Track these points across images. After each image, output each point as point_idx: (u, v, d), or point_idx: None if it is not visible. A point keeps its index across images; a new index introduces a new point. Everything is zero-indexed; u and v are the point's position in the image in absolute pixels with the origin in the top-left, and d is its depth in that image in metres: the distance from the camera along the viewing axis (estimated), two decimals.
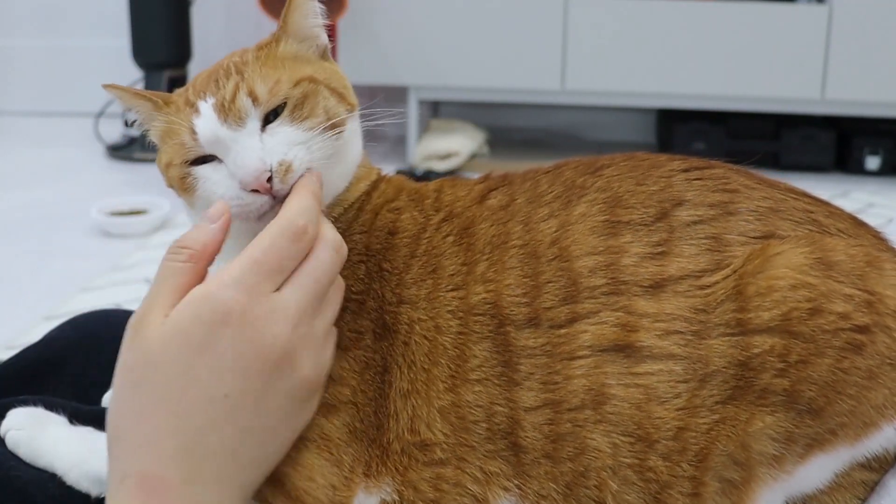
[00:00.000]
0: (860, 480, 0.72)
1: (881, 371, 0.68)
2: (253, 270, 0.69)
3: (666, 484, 0.70)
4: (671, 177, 0.75)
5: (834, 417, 0.69)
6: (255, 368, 0.68)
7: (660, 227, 0.73)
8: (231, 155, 0.75)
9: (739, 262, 0.71)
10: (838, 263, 0.70)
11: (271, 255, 0.69)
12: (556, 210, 0.76)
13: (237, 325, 0.67)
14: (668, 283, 0.71)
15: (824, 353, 0.68)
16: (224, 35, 3.96)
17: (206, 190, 0.76)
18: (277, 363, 0.69)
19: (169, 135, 0.79)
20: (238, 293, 0.68)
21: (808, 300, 0.69)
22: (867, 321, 0.68)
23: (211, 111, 0.76)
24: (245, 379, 0.68)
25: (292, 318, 0.69)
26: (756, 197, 0.74)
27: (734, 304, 0.70)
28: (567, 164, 0.80)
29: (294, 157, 0.75)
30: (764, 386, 0.69)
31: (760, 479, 0.70)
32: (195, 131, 0.75)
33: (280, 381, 0.69)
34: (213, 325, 0.67)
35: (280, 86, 0.77)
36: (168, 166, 0.79)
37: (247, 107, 0.75)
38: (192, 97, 0.78)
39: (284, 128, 0.76)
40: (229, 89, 0.76)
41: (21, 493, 0.73)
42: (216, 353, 0.67)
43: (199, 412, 0.67)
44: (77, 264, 2.47)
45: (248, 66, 0.78)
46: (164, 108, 0.80)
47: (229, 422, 0.67)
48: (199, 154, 0.76)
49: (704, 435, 0.69)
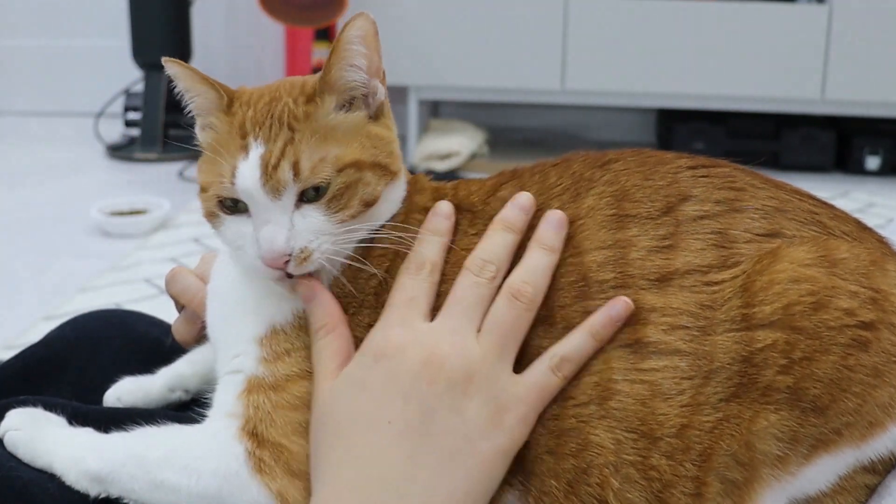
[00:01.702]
0: (863, 484, 0.72)
1: (887, 369, 0.68)
2: (391, 310, 0.74)
3: (668, 483, 0.70)
4: (678, 173, 0.76)
5: (839, 416, 0.68)
6: (414, 390, 0.70)
7: (666, 221, 0.73)
8: (259, 222, 0.74)
9: (750, 263, 0.71)
10: (843, 261, 0.70)
11: (399, 292, 0.75)
12: (566, 202, 0.76)
13: (391, 356, 0.71)
14: (674, 276, 0.71)
15: (829, 349, 0.68)
16: (224, 35, 3.96)
17: (229, 238, 0.76)
18: (435, 381, 0.70)
19: (216, 152, 0.76)
20: (387, 331, 0.73)
21: (811, 293, 0.69)
22: (873, 318, 0.68)
23: (257, 163, 0.74)
24: (405, 403, 0.70)
25: (445, 339, 0.72)
26: (762, 196, 0.74)
27: (740, 301, 0.70)
28: (575, 158, 0.80)
29: (317, 247, 0.74)
30: (768, 383, 0.68)
31: (763, 480, 0.69)
32: (235, 175, 0.74)
33: (445, 398, 0.70)
34: (371, 363, 0.72)
35: (324, 166, 0.74)
36: (202, 188, 0.78)
37: (287, 180, 0.73)
38: (249, 126, 0.76)
39: (317, 214, 0.75)
40: (277, 149, 0.74)
41: (21, 493, 0.73)
42: (376, 386, 0.71)
43: (365, 442, 0.70)
44: (77, 264, 2.47)
45: (299, 125, 0.75)
46: (224, 114, 0.78)
47: (396, 447, 0.69)
48: (231, 196, 0.75)
49: (708, 434, 0.69)
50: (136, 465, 0.73)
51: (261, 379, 0.75)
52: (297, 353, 0.76)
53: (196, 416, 0.79)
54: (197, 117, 0.80)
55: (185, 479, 0.72)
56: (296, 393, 0.74)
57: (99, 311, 1.03)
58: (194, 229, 2.73)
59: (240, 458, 0.72)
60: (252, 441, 0.73)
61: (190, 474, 0.72)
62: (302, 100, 0.76)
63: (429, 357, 0.71)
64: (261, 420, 0.74)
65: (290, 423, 0.73)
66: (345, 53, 0.76)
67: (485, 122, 3.65)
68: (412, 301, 0.74)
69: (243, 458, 0.72)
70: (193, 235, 2.68)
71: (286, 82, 0.79)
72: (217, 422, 0.76)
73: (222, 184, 0.74)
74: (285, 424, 0.73)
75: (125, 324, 1.00)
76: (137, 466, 0.73)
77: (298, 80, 0.79)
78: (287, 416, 0.74)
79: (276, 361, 0.75)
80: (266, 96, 0.77)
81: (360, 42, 0.76)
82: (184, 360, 0.91)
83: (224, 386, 0.77)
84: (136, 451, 0.74)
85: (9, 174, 3.35)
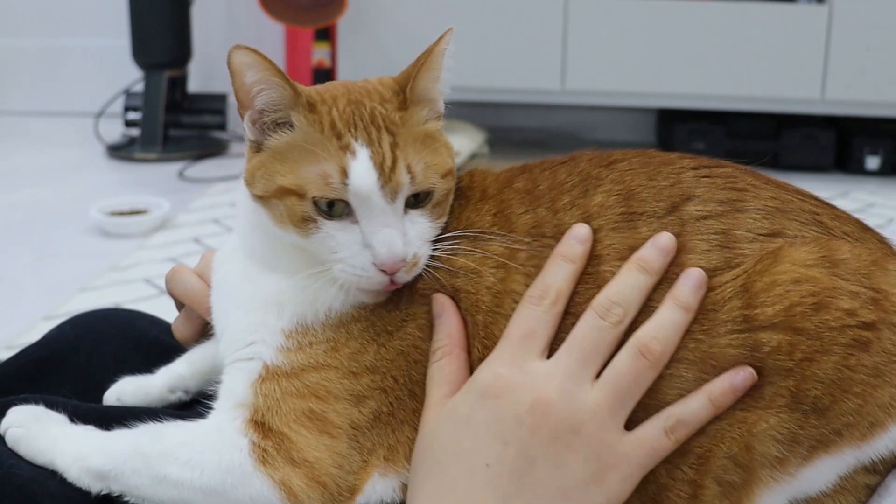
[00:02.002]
0: (864, 484, 0.72)
1: (888, 369, 0.68)
2: (506, 344, 0.72)
3: (664, 486, 0.70)
4: (681, 173, 0.76)
5: (840, 417, 0.68)
6: (516, 436, 0.68)
7: (672, 221, 0.73)
8: (375, 226, 0.72)
9: (751, 262, 0.71)
10: (844, 262, 0.70)
11: (515, 326, 0.72)
12: (577, 197, 0.76)
13: (500, 395, 0.70)
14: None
15: (830, 350, 0.68)
16: (224, 35, 3.96)
17: (326, 246, 0.74)
18: (539, 429, 0.68)
19: (306, 154, 0.74)
20: (499, 367, 0.71)
21: (812, 294, 0.69)
22: (873, 318, 0.68)
23: (369, 164, 0.72)
24: (505, 447, 0.68)
25: (557, 385, 0.69)
26: (764, 196, 0.74)
27: (740, 301, 0.70)
28: (581, 156, 0.80)
29: (423, 254, 0.74)
30: (770, 386, 0.68)
31: (761, 482, 0.69)
32: (347, 174, 0.72)
33: (548, 449, 0.68)
34: (477, 399, 0.70)
35: (432, 172, 0.75)
36: (286, 191, 0.74)
37: (405, 182, 0.73)
38: (342, 127, 0.74)
39: (424, 220, 0.75)
40: (386, 150, 0.73)
41: (22, 491, 0.73)
42: (479, 425, 0.70)
43: (462, 482, 0.68)
44: (77, 264, 2.47)
45: (398, 130, 0.75)
46: (307, 112, 0.75)
47: (490, 491, 0.68)
48: (339, 198, 0.72)
49: (709, 438, 0.69)
50: (138, 461, 0.73)
51: (278, 367, 0.75)
52: (318, 346, 0.75)
53: (199, 413, 0.79)
54: (270, 114, 0.76)
55: (189, 474, 0.72)
56: (307, 382, 0.74)
57: (99, 310, 1.03)
58: (194, 229, 2.73)
59: (244, 451, 0.72)
60: (257, 432, 0.73)
61: (193, 468, 0.72)
62: (392, 106, 0.76)
63: (536, 403, 0.69)
64: (268, 409, 0.73)
65: (293, 410, 0.73)
66: (434, 65, 0.78)
67: (485, 122, 3.65)
68: (529, 336, 0.71)
69: (247, 450, 0.72)
70: (193, 235, 2.68)
71: (353, 86, 0.78)
72: (223, 413, 0.76)
73: (329, 184, 0.72)
74: (289, 412, 0.73)
75: (125, 323, 1.00)
76: (140, 462, 0.73)
77: (371, 86, 0.78)
78: (292, 404, 0.73)
79: (297, 351, 0.75)
80: (341, 98, 0.76)
81: (446, 55, 0.78)
82: (183, 360, 0.91)
83: (235, 373, 0.77)
84: (138, 447, 0.74)
85: (9, 174, 3.34)
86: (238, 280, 0.81)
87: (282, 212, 0.75)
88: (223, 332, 0.81)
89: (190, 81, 3.68)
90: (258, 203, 0.77)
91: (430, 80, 0.78)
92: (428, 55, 0.78)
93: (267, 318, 0.77)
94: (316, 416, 0.73)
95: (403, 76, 0.79)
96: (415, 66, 0.78)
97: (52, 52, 4.10)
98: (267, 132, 0.76)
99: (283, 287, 0.77)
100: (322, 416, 0.73)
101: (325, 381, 0.74)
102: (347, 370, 0.74)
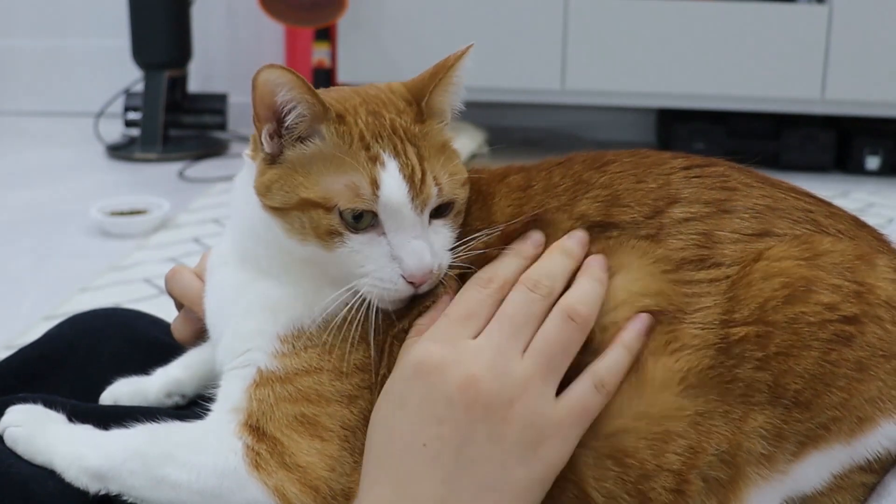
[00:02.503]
0: (860, 482, 0.71)
1: (872, 363, 0.68)
2: (443, 322, 0.72)
3: (647, 474, 0.70)
4: (671, 174, 0.76)
5: (825, 411, 0.68)
6: (450, 414, 0.68)
7: (650, 224, 0.74)
8: (404, 238, 0.72)
9: (735, 268, 0.71)
10: (824, 254, 0.70)
11: (458, 305, 0.72)
12: (564, 203, 0.77)
13: (430, 373, 0.69)
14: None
15: (810, 345, 0.67)
16: (224, 35, 3.96)
17: (350, 260, 0.73)
18: (467, 405, 0.68)
19: (332, 166, 0.73)
20: (429, 344, 0.71)
21: (784, 286, 0.69)
22: (856, 311, 0.68)
23: (400, 176, 0.72)
24: (440, 425, 0.68)
25: (487, 360, 0.70)
26: (754, 195, 0.74)
27: (720, 309, 0.70)
28: (577, 158, 0.80)
29: (446, 263, 0.75)
30: (746, 379, 0.68)
31: (749, 479, 0.69)
32: (378, 185, 0.71)
33: (482, 425, 0.68)
34: (409, 378, 0.70)
35: (454, 182, 0.75)
36: (310, 204, 0.73)
37: (433, 194, 0.73)
38: (370, 138, 0.73)
39: (446, 230, 0.76)
40: (414, 162, 0.73)
41: (21, 490, 0.73)
42: (412, 405, 0.69)
43: (401, 463, 0.69)
44: (77, 264, 2.47)
45: (419, 142, 0.75)
46: (336, 124, 0.74)
47: (431, 471, 0.68)
48: (368, 210, 0.72)
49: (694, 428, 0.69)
50: (136, 462, 0.73)
51: (272, 372, 0.75)
52: (313, 350, 0.75)
53: (196, 414, 0.79)
54: (282, 128, 0.75)
55: (186, 476, 0.72)
56: (299, 386, 0.74)
57: (98, 310, 1.03)
58: (194, 229, 2.73)
59: (238, 454, 0.73)
60: (251, 435, 0.73)
61: (190, 471, 0.72)
62: (409, 117, 0.76)
63: (467, 380, 0.69)
64: (263, 413, 0.74)
65: (286, 415, 0.73)
66: (451, 82, 0.78)
67: (485, 122, 3.65)
68: (469, 317, 0.72)
69: (241, 454, 0.73)
70: (193, 235, 2.68)
71: (367, 94, 0.78)
72: (220, 416, 0.76)
73: (360, 196, 0.71)
74: (282, 417, 0.73)
75: (125, 322, 1.00)
76: (138, 463, 0.73)
77: (384, 95, 0.78)
78: (285, 409, 0.74)
79: (291, 356, 0.75)
80: (360, 108, 0.76)
81: (464, 70, 0.78)
82: (180, 364, 0.91)
83: (231, 379, 0.77)
84: (136, 448, 0.74)
85: (9, 174, 3.35)
86: (233, 286, 0.81)
87: (303, 224, 0.74)
88: (220, 338, 0.81)
89: (190, 81, 3.69)
90: (271, 214, 0.76)
91: (445, 94, 0.79)
92: (446, 71, 0.78)
93: (263, 324, 0.77)
94: (308, 421, 0.73)
95: (417, 87, 0.79)
96: (431, 79, 0.78)
97: (52, 52, 4.10)
98: (287, 145, 0.75)
99: (280, 293, 0.78)
100: (314, 419, 0.73)
101: (316, 385, 0.74)
102: (338, 371, 0.75)
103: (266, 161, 0.76)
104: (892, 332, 0.68)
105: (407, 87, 0.80)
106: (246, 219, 0.80)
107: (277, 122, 0.75)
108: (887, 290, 0.69)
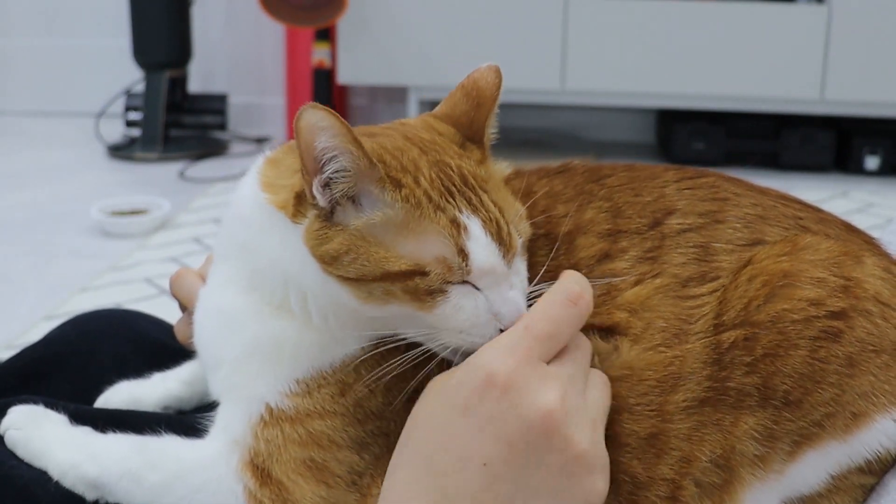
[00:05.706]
0: (859, 484, 0.71)
1: (863, 358, 0.67)
2: (524, 336, 0.66)
3: (640, 485, 0.70)
4: (664, 187, 0.76)
5: (817, 408, 0.67)
6: (520, 437, 0.64)
7: (653, 235, 0.74)
8: (501, 293, 0.68)
9: (728, 278, 0.71)
10: (806, 249, 0.70)
11: (544, 322, 0.67)
12: (571, 210, 0.76)
13: (502, 388, 0.64)
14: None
15: (797, 344, 0.67)
16: (224, 35, 3.96)
17: (453, 318, 0.68)
18: (545, 434, 0.64)
19: (410, 235, 0.67)
20: (505, 356, 0.65)
21: (764, 284, 0.69)
22: (843, 306, 0.68)
23: (485, 237, 0.68)
24: (508, 447, 0.64)
25: (562, 387, 0.65)
26: (745, 204, 0.75)
27: (713, 314, 0.70)
28: (575, 168, 0.80)
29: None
30: (737, 387, 0.68)
31: (744, 480, 0.69)
32: (468, 255, 0.67)
33: (549, 454, 0.64)
34: (476, 387, 0.64)
35: (522, 220, 0.72)
36: (399, 276, 0.67)
37: (518, 246, 0.70)
38: (437, 198, 0.68)
39: (522, 267, 0.71)
40: (495, 216, 0.69)
41: (22, 493, 0.73)
42: (478, 416, 0.64)
43: (453, 475, 0.64)
44: (77, 264, 2.48)
45: (489, 186, 0.71)
46: (392, 190, 0.67)
47: (486, 491, 0.63)
48: (461, 280, 0.68)
49: (685, 440, 0.69)
50: (133, 484, 0.72)
51: (283, 411, 0.71)
52: (326, 390, 0.72)
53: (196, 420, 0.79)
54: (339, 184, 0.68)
55: None
56: (310, 429, 0.71)
57: (100, 311, 1.03)
58: (194, 229, 2.73)
59: (239, 498, 0.71)
60: (255, 478, 0.71)
61: None
62: (472, 161, 0.73)
63: (548, 407, 0.64)
64: (270, 455, 0.71)
65: (294, 459, 0.71)
66: (494, 112, 0.77)
67: None
68: (550, 339, 0.67)
69: (242, 499, 0.71)
70: (194, 235, 2.68)
71: (420, 139, 0.73)
72: (220, 447, 0.73)
73: (450, 269, 0.67)
74: (290, 461, 0.71)
75: (126, 323, 1.00)
76: (135, 485, 0.72)
77: (436, 137, 0.74)
78: (293, 452, 0.71)
79: (304, 396, 0.72)
80: (420, 161, 0.70)
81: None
82: (179, 378, 0.90)
83: (233, 408, 0.74)
84: (133, 470, 0.73)
85: (9, 174, 3.35)
86: (238, 316, 0.75)
87: (390, 292, 0.68)
88: (216, 367, 0.76)
89: (190, 81, 3.69)
90: (338, 282, 0.69)
91: (491, 127, 0.77)
92: (493, 102, 0.75)
93: (276, 365, 0.73)
94: (316, 466, 0.71)
95: (462, 122, 0.75)
96: (479, 111, 0.75)
97: (52, 52, 4.10)
98: (341, 205, 0.69)
99: (302, 337, 0.73)
100: (322, 465, 0.71)
101: (328, 430, 0.71)
102: (353, 417, 0.71)
103: (320, 217, 0.69)
104: (882, 327, 0.68)
105: (452, 122, 0.76)
106: (275, 260, 0.73)
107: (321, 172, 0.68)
108: (875, 285, 0.69)
